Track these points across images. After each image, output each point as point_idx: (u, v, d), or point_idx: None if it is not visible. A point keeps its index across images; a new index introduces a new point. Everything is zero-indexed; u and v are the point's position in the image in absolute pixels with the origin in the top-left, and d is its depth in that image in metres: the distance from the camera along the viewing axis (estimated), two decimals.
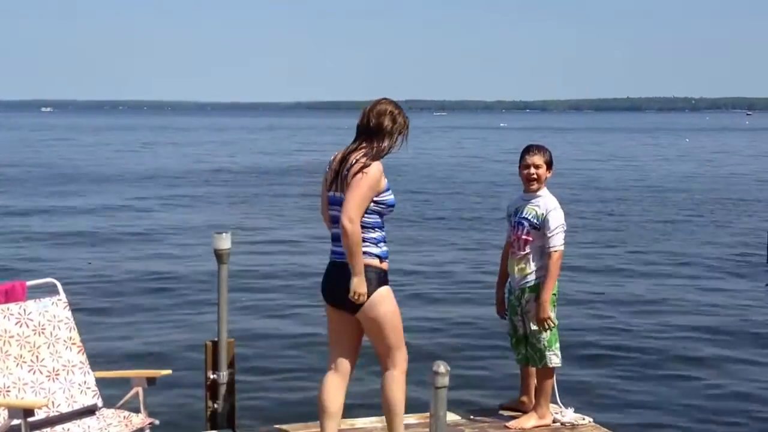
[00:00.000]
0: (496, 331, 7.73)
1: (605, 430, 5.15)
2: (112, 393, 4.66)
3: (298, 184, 28.87)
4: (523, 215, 4.97)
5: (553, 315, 4.94)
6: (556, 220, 4.88)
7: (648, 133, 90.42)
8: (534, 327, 4.95)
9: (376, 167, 4.15)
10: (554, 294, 4.96)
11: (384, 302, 4.22)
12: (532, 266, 4.93)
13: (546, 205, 4.92)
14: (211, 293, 7.81)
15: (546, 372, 5.00)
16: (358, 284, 4.11)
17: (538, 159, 4.97)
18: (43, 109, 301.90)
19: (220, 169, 35.42)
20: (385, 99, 4.39)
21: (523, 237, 4.94)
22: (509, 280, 5.11)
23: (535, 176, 4.95)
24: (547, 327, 4.89)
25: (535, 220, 4.91)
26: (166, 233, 17.09)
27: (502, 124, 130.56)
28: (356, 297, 4.13)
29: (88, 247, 15.22)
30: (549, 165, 5.00)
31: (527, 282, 4.96)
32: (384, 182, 4.21)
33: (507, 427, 5.05)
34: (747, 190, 27.41)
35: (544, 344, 4.94)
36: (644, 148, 57.75)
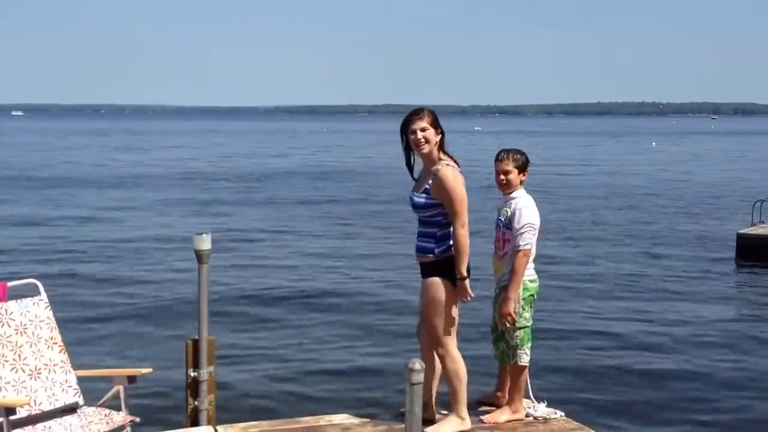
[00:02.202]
0: (474, 327, 7.86)
1: (576, 423, 5.26)
2: (93, 391, 4.71)
3: (278, 186, 28.92)
4: (500, 216, 5.13)
5: (527, 315, 5.05)
6: (522, 219, 4.99)
7: (616, 137, 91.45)
8: (507, 324, 5.07)
9: None
10: (531, 294, 5.06)
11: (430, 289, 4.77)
12: (508, 266, 5.07)
13: (515, 205, 5.06)
14: (191, 293, 7.86)
15: (517, 369, 5.11)
16: None
17: (506, 165, 5.10)
18: (14, 113, 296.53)
19: (200, 172, 35.29)
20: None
21: (501, 237, 5.09)
22: None
23: (504, 182, 5.10)
24: (509, 323, 5.01)
25: (506, 221, 5.06)
26: (145, 234, 17.07)
27: (477, 128, 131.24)
28: None
29: (69, 247, 15.18)
30: (522, 168, 5.13)
31: (503, 280, 5.09)
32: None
33: (481, 421, 5.15)
34: (713, 192, 27.91)
35: (516, 342, 5.07)
36: (612, 151, 58.44)
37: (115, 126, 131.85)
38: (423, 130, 4.64)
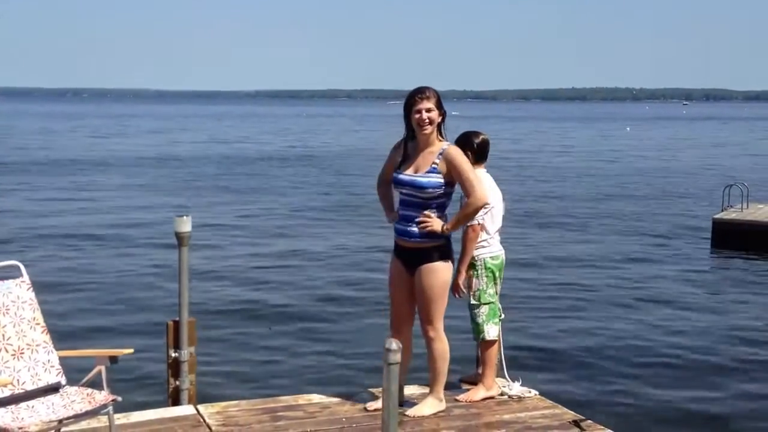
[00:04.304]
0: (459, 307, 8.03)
1: (550, 401, 5.40)
2: (75, 371, 4.75)
3: (254, 170, 28.82)
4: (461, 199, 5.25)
5: (491, 291, 5.15)
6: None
7: (591, 122, 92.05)
8: (473, 301, 5.19)
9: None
10: (492, 271, 5.16)
11: None
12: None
13: None
14: (172, 275, 7.90)
15: (485, 344, 5.22)
16: None
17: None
18: None
19: (178, 156, 35.09)
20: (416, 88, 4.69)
21: None
22: None
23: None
24: (463, 295, 5.14)
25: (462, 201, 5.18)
26: (127, 218, 17.06)
27: (454, 113, 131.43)
28: None
29: (51, 231, 15.13)
30: (467, 149, 5.23)
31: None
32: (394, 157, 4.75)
33: (457, 400, 5.26)
34: (686, 176, 28.30)
35: (482, 318, 5.18)
36: (587, 136, 58.86)
37: (86, 110, 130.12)
38: (429, 110, 4.56)
